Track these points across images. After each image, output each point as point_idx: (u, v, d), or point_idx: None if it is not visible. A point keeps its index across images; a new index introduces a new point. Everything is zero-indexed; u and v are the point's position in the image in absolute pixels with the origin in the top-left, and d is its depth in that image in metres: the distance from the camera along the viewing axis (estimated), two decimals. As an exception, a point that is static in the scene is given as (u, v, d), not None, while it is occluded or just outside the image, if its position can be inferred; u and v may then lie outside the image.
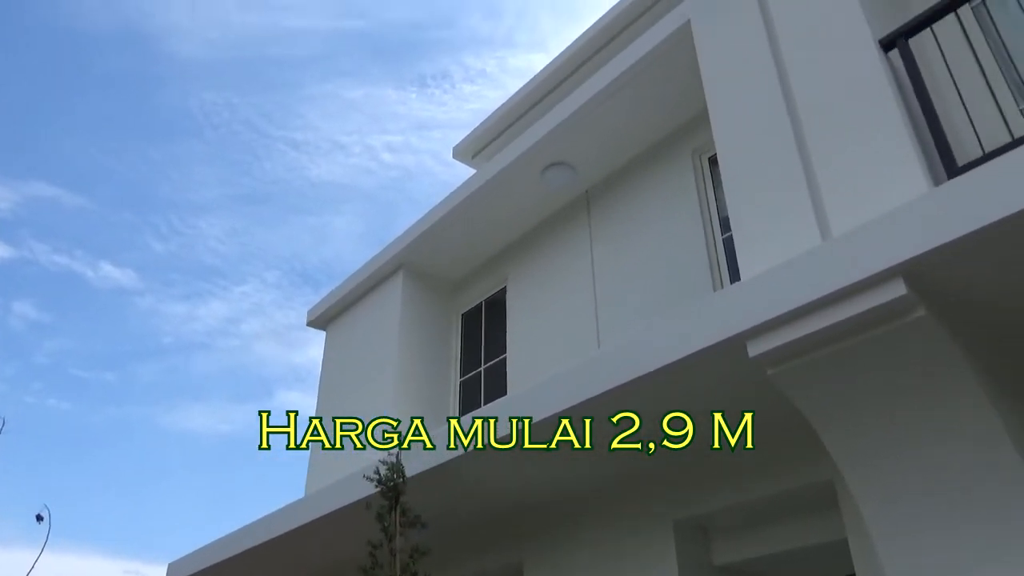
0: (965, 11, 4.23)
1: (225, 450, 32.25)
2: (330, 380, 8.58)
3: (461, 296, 8.28)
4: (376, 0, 27.65)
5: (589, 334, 6.43)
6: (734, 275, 5.41)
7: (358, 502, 4.53)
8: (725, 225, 5.69)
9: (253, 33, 25.82)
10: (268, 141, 28.34)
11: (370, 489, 4.32)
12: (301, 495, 7.97)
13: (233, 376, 31.88)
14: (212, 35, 25.40)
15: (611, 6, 7.63)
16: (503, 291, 7.84)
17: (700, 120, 5.97)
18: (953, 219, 2.70)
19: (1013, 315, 3.07)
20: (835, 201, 3.43)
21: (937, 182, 3.29)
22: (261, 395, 33.23)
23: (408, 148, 30.78)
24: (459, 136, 8.84)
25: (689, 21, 4.88)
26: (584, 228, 6.99)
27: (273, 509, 6.16)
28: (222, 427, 31.30)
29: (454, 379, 7.88)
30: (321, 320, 8.96)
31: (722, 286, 5.56)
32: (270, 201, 30.36)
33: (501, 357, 7.52)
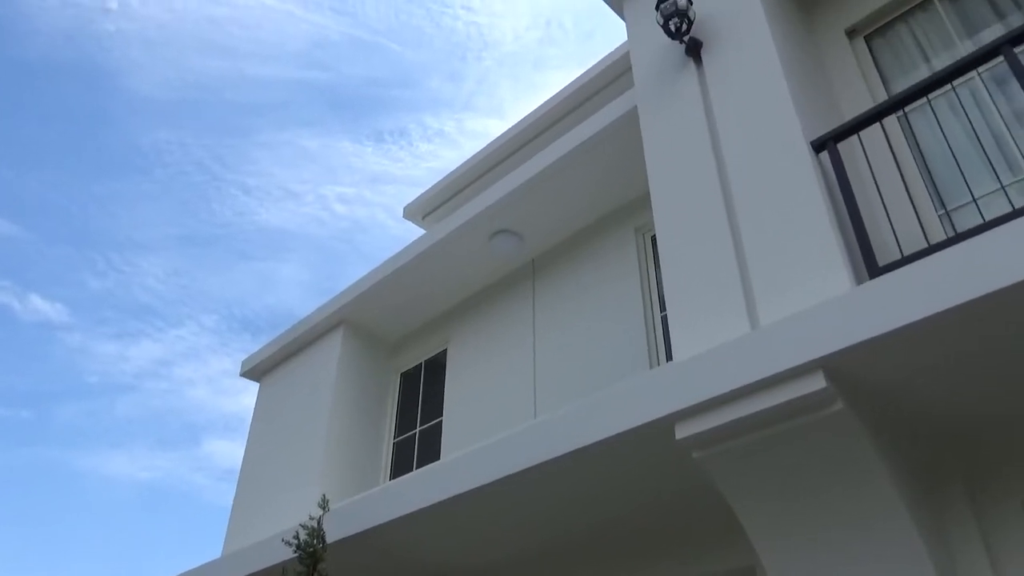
0: (892, 120, 4.52)
1: (143, 499, 30.79)
2: (260, 433, 8.35)
3: (401, 355, 8.21)
4: (340, 55, 28.04)
5: (526, 403, 6.43)
6: (671, 353, 5.51)
7: (273, 567, 4.38)
8: (664, 303, 5.83)
9: (213, 76, 25.84)
10: (219, 184, 28.09)
11: (289, 553, 4.19)
12: (219, 553, 7.65)
13: (159, 421, 30.68)
14: (170, 75, 25.32)
15: (567, 83, 7.90)
16: (444, 353, 7.82)
17: (644, 200, 6.17)
18: (871, 318, 2.83)
19: (925, 412, 3.20)
20: (765, 291, 3.56)
21: (860, 280, 3.45)
22: (187, 443, 32.03)
23: (360, 200, 30.84)
24: (413, 192, 8.95)
25: (636, 107, 5.09)
26: (528, 296, 7.06)
27: (187, 567, 5.89)
28: (142, 475, 29.94)
29: (388, 440, 7.75)
30: (256, 371, 8.76)
31: (659, 363, 5.66)
32: (216, 244, 29.92)
33: (437, 420, 7.44)
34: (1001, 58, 3.54)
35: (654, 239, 6.19)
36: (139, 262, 27.89)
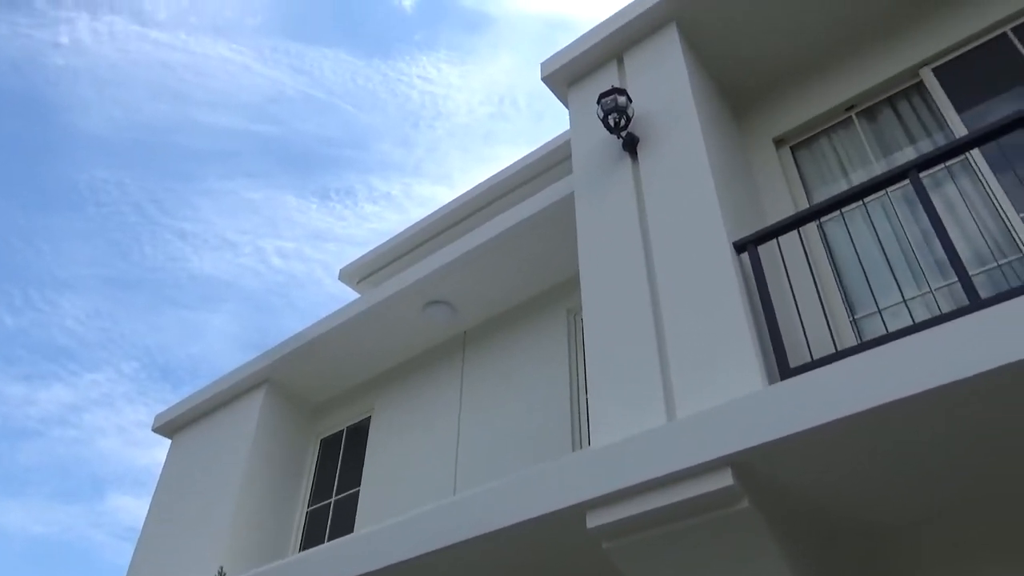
0: (812, 227, 4.76)
1: (35, 555, 28.65)
2: (166, 492, 7.95)
3: (324, 420, 8.02)
4: (294, 111, 28.11)
5: (447, 478, 6.32)
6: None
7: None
8: (589, 386, 5.87)
9: (161, 120, 25.54)
10: (154, 227, 27.37)
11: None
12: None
13: (62, 471, 28.90)
14: (116, 114, 24.94)
15: (511, 163, 8.10)
16: (368, 420, 7.67)
17: (577, 282, 6.29)
18: (778, 419, 2.92)
19: (830, 514, 3.28)
20: (683, 383, 3.64)
21: (772, 380, 3.57)
22: (90, 496, 30.19)
23: (299, 256, 30.42)
24: (354, 251, 8.91)
25: (572, 194, 5.25)
26: (457, 369, 7.03)
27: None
28: (36, 528, 27.94)
29: (301, 508, 7.48)
30: (169, 427, 8.40)
31: (582, 447, 5.67)
32: (143, 288, 28.93)
33: (355, 489, 7.24)
34: (907, 181, 3.80)
35: (584, 321, 6.28)
36: (60, 301, 26.75)
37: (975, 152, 4.31)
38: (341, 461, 7.65)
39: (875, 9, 5.24)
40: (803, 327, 3.82)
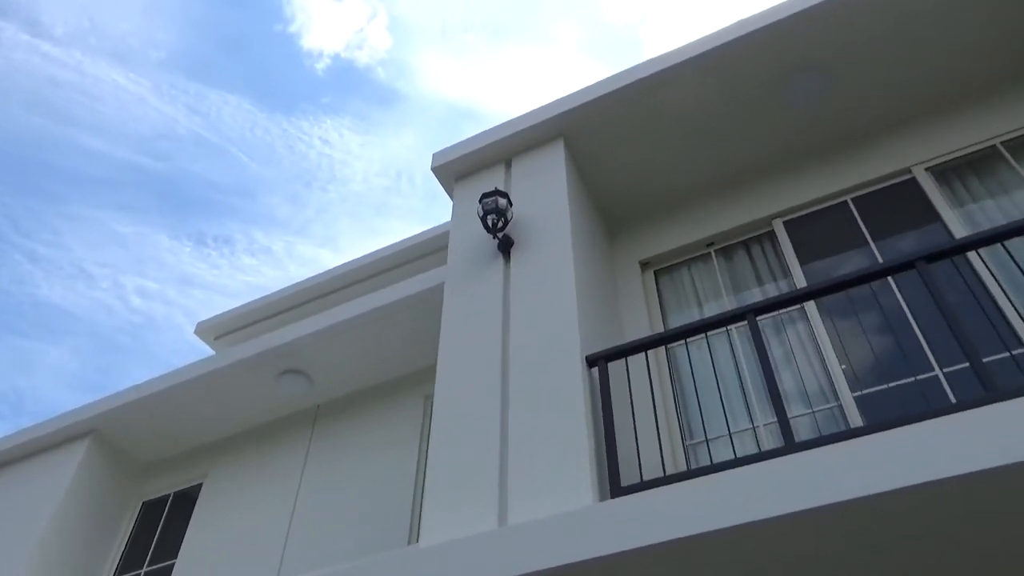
0: (662, 350, 5.01)
1: None
2: (-51, 545, 7.06)
3: (150, 481, 7.44)
4: (182, 150, 27.15)
5: (273, 559, 5.97)
6: (429, 531, 5.40)
7: None
8: (435, 478, 5.78)
9: (35, 135, 23.98)
10: (3, 246, 25.24)
11: None
12: None
13: None
14: (-17, 122, 23.23)
15: (395, 241, 8.11)
16: (199, 487, 7.19)
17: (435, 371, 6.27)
18: (601, 537, 2.98)
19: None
20: (518, 490, 3.65)
21: (603, 496, 3.64)
22: None
23: (162, 298, 28.70)
24: (223, 302, 8.51)
25: (443, 284, 5.32)
26: (304, 444, 6.76)
27: None
28: None
29: (105, 576, 6.81)
30: (-32, 471, 7.54)
31: (418, 540, 5.52)
32: (-25, 310, 26.34)
33: (170, 562, 6.69)
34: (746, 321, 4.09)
35: (440, 411, 6.24)
36: None
37: (810, 303, 4.72)
38: (161, 528, 7.09)
39: (739, 160, 5.75)
40: (638, 447, 3.96)
